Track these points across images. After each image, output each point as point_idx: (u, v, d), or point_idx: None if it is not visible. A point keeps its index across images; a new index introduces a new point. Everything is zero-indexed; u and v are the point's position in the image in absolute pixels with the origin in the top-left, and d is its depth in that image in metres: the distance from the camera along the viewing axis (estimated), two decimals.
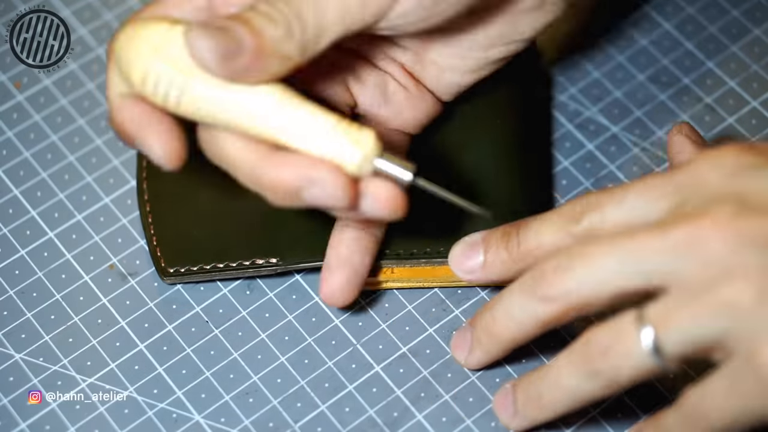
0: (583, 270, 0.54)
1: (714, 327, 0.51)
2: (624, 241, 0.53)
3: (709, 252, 0.51)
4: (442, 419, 0.62)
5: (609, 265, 0.53)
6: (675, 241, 0.52)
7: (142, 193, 0.67)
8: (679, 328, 0.52)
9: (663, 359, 0.52)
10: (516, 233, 0.59)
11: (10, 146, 0.70)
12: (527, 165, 0.67)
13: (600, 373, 0.54)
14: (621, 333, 0.53)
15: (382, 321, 0.64)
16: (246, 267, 0.65)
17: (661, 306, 0.52)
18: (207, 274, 0.65)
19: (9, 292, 0.66)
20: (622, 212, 0.55)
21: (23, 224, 0.68)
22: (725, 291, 0.51)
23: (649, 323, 0.52)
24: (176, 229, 0.66)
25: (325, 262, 0.62)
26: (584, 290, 0.54)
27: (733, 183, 0.53)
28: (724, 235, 0.51)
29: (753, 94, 0.70)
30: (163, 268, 0.65)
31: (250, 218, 0.66)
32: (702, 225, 0.52)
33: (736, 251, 0.51)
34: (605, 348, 0.54)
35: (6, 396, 0.63)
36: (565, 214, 0.57)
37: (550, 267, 0.55)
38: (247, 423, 0.62)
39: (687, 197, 0.53)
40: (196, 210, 0.66)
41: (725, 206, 0.52)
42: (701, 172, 0.54)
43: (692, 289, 0.52)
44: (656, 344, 0.52)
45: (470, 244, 0.60)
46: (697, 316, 0.51)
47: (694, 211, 0.52)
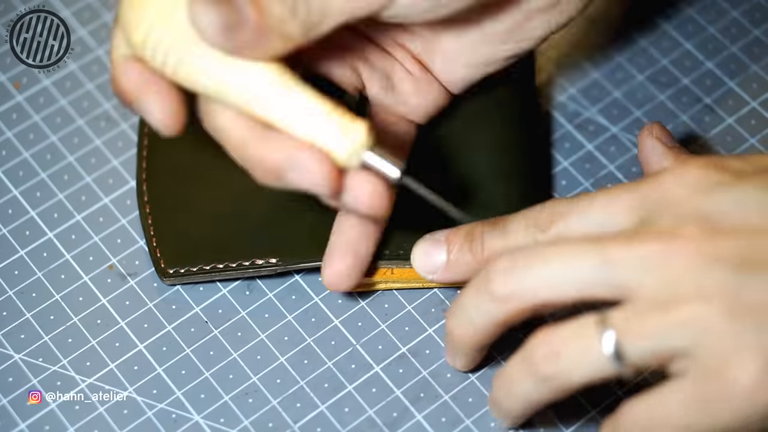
0: (539, 273, 0.54)
1: (681, 339, 0.51)
2: (588, 247, 0.53)
3: (677, 270, 0.51)
4: (441, 419, 0.62)
5: (566, 272, 0.53)
6: (643, 254, 0.52)
7: (141, 194, 0.67)
8: (644, 336, 0.52)
9: (621, 364, 0.52)
10: (480, 234, 0.58)
11: (9, 147, 0.70)
12: (526, 165, 0.67)
13: (550, 378, 0.54)
14: (580, 336, 0.53)
15: (381, 321, 0.64)
16: (246, 267, 0.65)
17: (625, 313, 0.52)
18: (207, 274, 0.65)
19: (8, 293, 0.66)
20: (586, 223, 0.55)
21: (22, 224, 0.68)
22: (695, 307, 0.51)
23: (611, 328, 0.52)
24: (176, 230, 0.66)
25: (328, 248, 0.62)
26: (541, 293, 0.54)
27: (700, 201, 0.53)
28: (692, 255, 0.51)
29: (753, 95, 0.70)
30: (163, 269, 0.65)
31: (249, 219, 0.66)
32: (670, 243, 0.52)
33: (704, 271, 0.51)
34: (556, 352, 0.53)
35: (5, 396, 0.63)
36: (531, 220, 0.57)
37: (503, 266, 0.54)
38: (246, 423, 0.62)
39: (653, 213, 0.53)
40: (195, 211, 0.66)
41: (692, 227, 0.52)
42: (668, 187, 0.54)
43: (660, 301, 0.51)
44: (617, 349, 0.52)
45: (433, 242, 0.60)
46: (665, 327, 0.51)
47: (661, 229, 0.53)
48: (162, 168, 0.68)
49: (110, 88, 0.71)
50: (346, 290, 0.63)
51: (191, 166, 0.68)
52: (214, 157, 0.68)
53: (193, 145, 0.68)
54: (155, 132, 0.69)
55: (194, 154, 0.68)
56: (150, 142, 0.69)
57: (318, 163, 0.55)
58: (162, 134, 0.57)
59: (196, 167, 0.68)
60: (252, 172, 0.56)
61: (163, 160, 0.68)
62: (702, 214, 0.52)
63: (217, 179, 0.67)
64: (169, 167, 0.68)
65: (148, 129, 0.69)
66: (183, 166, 0.68)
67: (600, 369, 0.53)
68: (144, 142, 0.69)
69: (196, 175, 0.68)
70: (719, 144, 0.69)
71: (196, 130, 0.69)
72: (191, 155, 0.68)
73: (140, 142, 0.69)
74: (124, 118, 0.71)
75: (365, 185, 0.56)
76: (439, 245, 0.60)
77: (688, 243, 0.52)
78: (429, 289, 0.65)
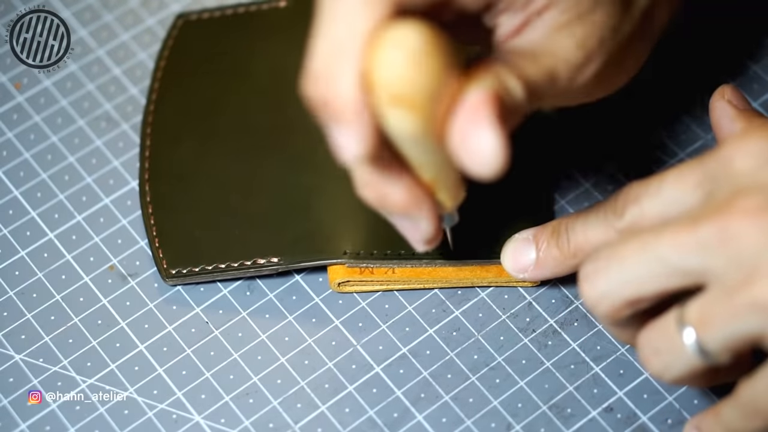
0: (618, 274, 0.54)
1: (751, 324, 0.51)
2: (654, 241, 0.53)
3: (738, 247, 0.51)
4: (442, 420, 0.62)
5: (641, 268, 0.53)
6: (704, 236, 0.52)
7: (144, 194, 0.67)
8: (716, 328, 0.52)
9: (709, 357, 0.52)
10: (565, 230, 0.59)
11: (10, 147, 0.70)
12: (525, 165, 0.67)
13: (661, 373, 0.54)
14: (665, 334, 0.53)
15: (382, 322, 0.64)
16: (247, 267, 0.65)
17: (698, 305, 0.52)
18: (209, 274, 0.65)
19: (9, 293, 0.66)
20: (659, 205, 0.55)
21: (23, 225, 0.68)
22: (758, 289, 0.50)
23: (689, 324, 0.52)
24: (178, 230, 0.66)
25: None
26: (624, 292, 0.54)
27: (762, 173, 0.52)
28: (752, 228, 0.51)
29: (753, 95, 0.70)
30: (165, 269, 0.65)
31: (251, 218, 0.66)
32: (730, 219, 0.51)
33: (765, 245, 0.51)
34: (656, 349, 0.54)
35: (6, 397, 0.63)
36: (608, 208, 0.57)
37: (585, 272, 0.55)
38: (247, 424, 0.62)
39: (717, 186, 0.53)
40: (197, 211, 0.67)
41: (753, 198, 0.51)
42: (730, 159, 0.53)
43: (726, 285, 0.51)
44: (699, 344, 0.52)
45: (522, 241, 0.61)
46: (733, 315, 0.51)
47: (721, 204, 0.52)
48: (164, 168, 0.68)
49: (110, 89, 0.72)
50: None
51: (193, 166, 0.68)
52: (216, 158, 0.68)
53: (195, 146, 0.68)
54: (157, 131, 0.69)
55: (196, 155, 0.68)
56: (152, 142, 0.69)
57: (431, 215, 0.56)
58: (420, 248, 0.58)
59: (198, 167, 0.68)
60: (366, 194, 0.56)
61: (166, 161, 0.68)
62: (762, 185, 0.52)
63: (219, 179, 0.67)
64: (171, 167, 0.68)
65: (150, 129, 0.69)
66: (185, 166, 0.68)
67: (692, 363, 0.53)
68: (146, 142, 0.69)
69: (198, 175, 0.68)
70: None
71: (197, 130, 0.69)
72: (193, 156, 0.68)
73: (143, 142, 0.69)
74: (125, 118, 0.71)
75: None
76: (528, 244, 0.61)
77: (745, 217, 0.51)
78: (430, 289, 0.65)
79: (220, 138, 0.69)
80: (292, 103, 0.67)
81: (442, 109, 0.51)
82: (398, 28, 0.51)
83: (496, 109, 0.51)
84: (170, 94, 0.70)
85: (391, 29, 0.51)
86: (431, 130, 0.52)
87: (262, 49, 0.71)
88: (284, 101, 0.68)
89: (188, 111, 0.70)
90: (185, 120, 0.69)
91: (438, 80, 0.51)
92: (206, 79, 0.71)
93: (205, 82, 0.71)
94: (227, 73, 0.71)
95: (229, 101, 0.70)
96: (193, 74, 0.71)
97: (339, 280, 0.65)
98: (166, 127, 0.69)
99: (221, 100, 0.70)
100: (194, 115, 0.70)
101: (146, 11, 0.75)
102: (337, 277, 0.64)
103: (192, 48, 0.72)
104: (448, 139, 0.52)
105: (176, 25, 0.72)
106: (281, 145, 0.68)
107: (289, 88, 0.68)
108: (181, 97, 0.70)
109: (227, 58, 0.71)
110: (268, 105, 0.69)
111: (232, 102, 0.70)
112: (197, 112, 0.70)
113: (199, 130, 0.69)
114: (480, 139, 0.51)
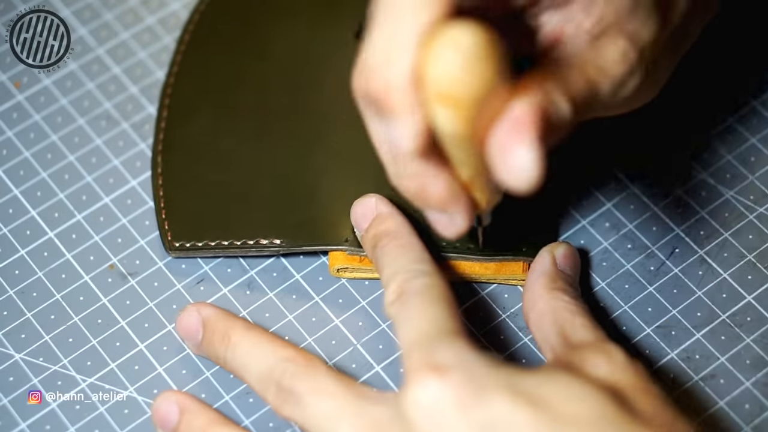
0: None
1: None
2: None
3: None
4: None
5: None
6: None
7: (156, 165, 0.68)
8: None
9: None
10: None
11: (10, 146, 0.70)
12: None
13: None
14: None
15: (381, 321, 0.64)
16: (250, 246, 0.65)
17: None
18: (211, 250, 0.65)
19: (9, 292, 0.66)
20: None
21: (23, 224, 0.68)
22: None
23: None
24: (185, 204, 0.67)
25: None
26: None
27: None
28: None
29: (753, 95, 0.70)
30: (170, 241, 0.66)
31: (257, 199, 0.66)
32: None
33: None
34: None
35: (6, 396, 0.63)
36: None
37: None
38: (247, 423, 0.62)
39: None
40: (206, 187, 0.67)
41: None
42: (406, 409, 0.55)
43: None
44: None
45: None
46: None
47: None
48: (177, 141, 0.69)
49: (110, 87, 0.72)
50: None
51: (205, 141, 0.68)
52: (229, 135, 0.69)
53: (209, 122, 0.69)
54: (174, 104, 0.70)
55: (209, 131, 0.69)
56: (169, 113, 0.69)
57: (467, 212, 0.56)
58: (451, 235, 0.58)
59: (209, 143, 0.68)
60: (405, 185, 0.56)
61: (180, 133, 0.69)
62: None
63: (230, 158, 0.68)
64: (184, 141, 0.68)
65: (168, 100, 0.70)
66: (198, 140, 0.68)
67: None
68: (163, 113, 0.69)
69: (209, 151, 0.68)
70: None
71: (213, 106, 0.70)
72: (206, 131, 0.69)
73: (159, 113, 0.69)
74: (125, 117, 0.71)
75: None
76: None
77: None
78: None
79: (234, 116, 0.69)
80: (307, 87, 0.68)
81: (488, 114, 0.51)
82: (455, 27, 0.51)
83: (540, 126, 0.51)
84: (191, 67, 0.71)
85: (448, 28, 0.51)
86: (473, 133, 0.52)
87: (283, 30, 0.71)
88: (301, 84, 0.69)
89: (207, 86, 0.70)
90: (203, 95, 0.70)
91: (487, 85, 0.51)
92: (227, 56, 0.71)
93: (226, 59, 0.71)
94: (248, 51, 0.71)
95: (247, 80, 0.70)
96: (215, 50, 0.72)
97: (338, 266, 0.65)
98: (183, 100, 0.70)
99: (239, 78, 0.70)
100: (212, 90, 0.70)
101: (146, 10, 0.75)
102: (337, 263, 0.65)
103: (216, 24, 0.72)
104: (487, 145, 0.52)
105: (203, 0, 0.73)
106: (293, 129, 0.68)
107: (306, 72, 0.68)
108: (201, 71, 0.71)
109: (249, 36, 0.72)
110: (284, 87, 0.70)
111: (250, 81, 0.70)
112: (215, 88, 0.70)
113: (214, 106, 0.70)
114: (517, 154, 0.51)
